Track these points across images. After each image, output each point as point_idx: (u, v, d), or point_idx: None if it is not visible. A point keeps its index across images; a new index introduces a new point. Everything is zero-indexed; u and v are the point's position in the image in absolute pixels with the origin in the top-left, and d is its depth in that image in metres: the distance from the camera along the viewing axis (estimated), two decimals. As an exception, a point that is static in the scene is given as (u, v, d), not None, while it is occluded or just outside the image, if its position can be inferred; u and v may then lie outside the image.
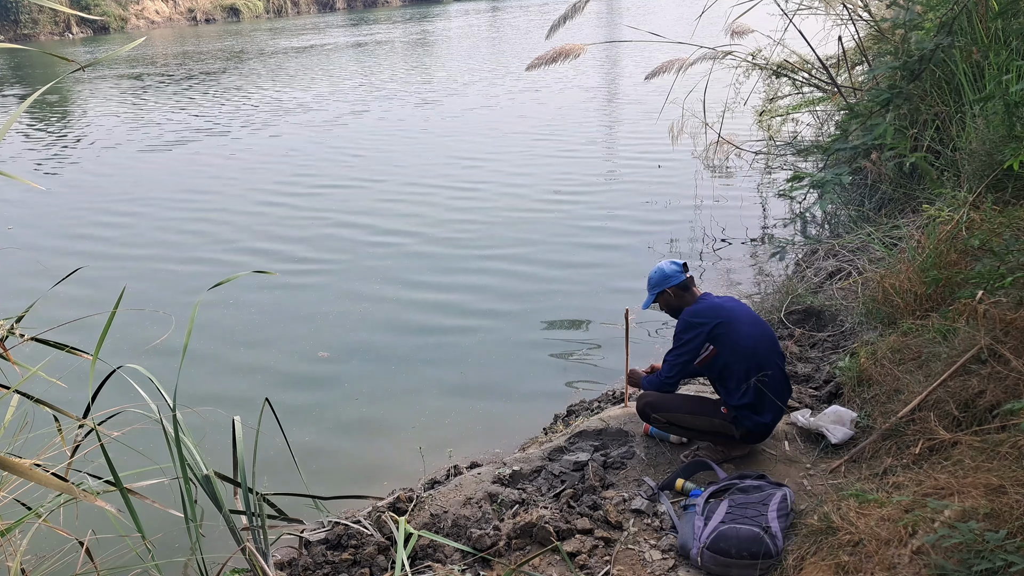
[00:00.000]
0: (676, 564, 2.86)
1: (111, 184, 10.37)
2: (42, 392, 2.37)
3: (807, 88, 8.21)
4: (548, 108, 14.01)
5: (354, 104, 15.43)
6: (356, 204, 8.84)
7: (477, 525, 3.15)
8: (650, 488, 3.33)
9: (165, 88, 19.06)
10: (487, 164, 10.29)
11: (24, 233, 8.38)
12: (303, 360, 5.34)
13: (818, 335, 4.65)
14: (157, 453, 2.76)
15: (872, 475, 2.98)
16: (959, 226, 3.89)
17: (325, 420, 4.63)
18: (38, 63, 26.49)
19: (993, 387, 2.88)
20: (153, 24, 40.43)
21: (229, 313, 6.08)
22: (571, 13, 7.07)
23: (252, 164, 11.03)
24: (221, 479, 2.83)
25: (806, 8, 7.52)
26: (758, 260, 6.54)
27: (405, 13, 42.15)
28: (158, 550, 2.63)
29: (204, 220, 8.52)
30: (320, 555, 3.20)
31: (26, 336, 2.26)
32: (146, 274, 7.00)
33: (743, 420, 3.32)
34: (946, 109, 5.54)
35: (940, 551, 2.17)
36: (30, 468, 1.56)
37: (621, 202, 8.33)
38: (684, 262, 3.54)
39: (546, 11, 34.82)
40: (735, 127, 9.09)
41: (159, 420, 2.51)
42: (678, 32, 8.34)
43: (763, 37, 7.59)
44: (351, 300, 6.24)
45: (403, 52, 24.83)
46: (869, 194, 6.28)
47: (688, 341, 3.36)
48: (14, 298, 6.47)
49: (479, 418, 4.57)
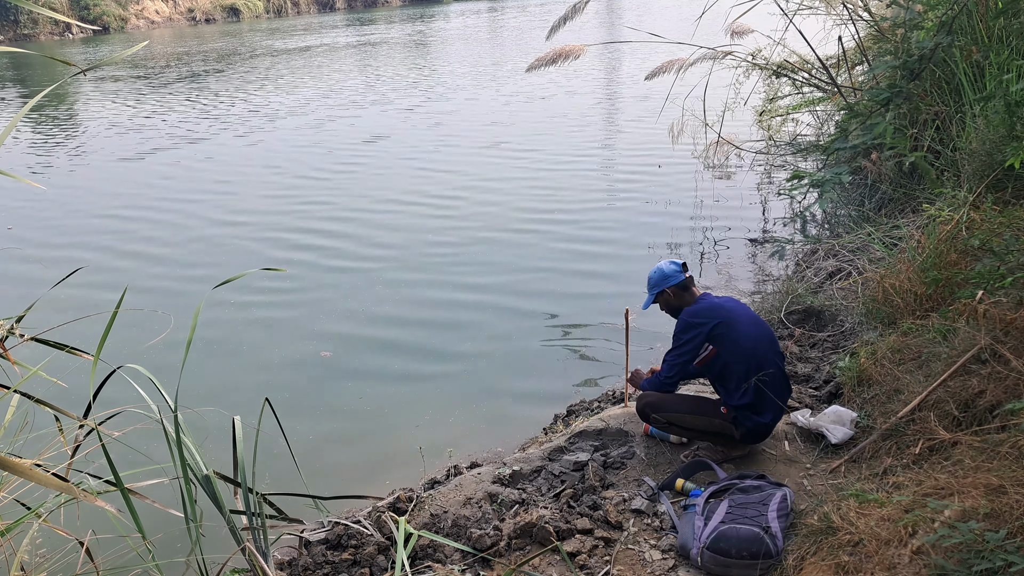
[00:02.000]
0: (676, 564, 2.86)
1: (111, 184, 10.37)
2: (42, 392, 2.37)
3: (807, 88, 8.20)
4: (548, 108, 14.00)
5: (355, 105, 15.43)
6: (359, 205, 8.84)
7: (477, 525, 3.15)
8: (650, 488, 3.34)
9: (164, 88, 19.05)
10: (486, 164, 10.29)
11: (24, 233, 8.38)
12: (305, 359, 5.35)
13: (818, 335, 4.65)
14: (157, 453, 2.76)
15: (872, 475, 2.98)
16: (959, 226, 3.89)
17: (325, 420, 4.63)
18: (38, 64, 26.49)
19: (993, 387, 2.88)
20: (153, 24, 40.44)
21: (230, 313, 6.08)
22: (571, 14, 7.06)
23: (252, 164, 11.03)
24: (221, 479, 2.83)
25: (806, 8, 7.52)
26: (758, 260, 6.54)
27: (405, 13, 42.12)
28: (158, 550, 2.63)
29: (204, 220, 8.52)
30: (320, 555, 3.20)
31: (26, 336, 2.25)
32: (147, 274, 7.00)
33: (743, 420, 3.32)
34: (946, 109, 5.54)
35: (940, 551, 2.17)
36: (30, 468, 1.56)
37: (621, 202, 8.33)
38: (683, 262, 3.54)
39: (546, 11, 34.82)
40: (735, 127, 9.09)
41: (159, 420, 2.51)
42: (678, 32, 8.34)
43: (763, 37, 7.59)
44: (354, 300, 6.24)
45: (403, 52, 24.81)
46: (869, 194, 6.28)
47: (687, 341, 3.37)
48: (14, 298, 6.47)
49: (479, 418, 4.57)
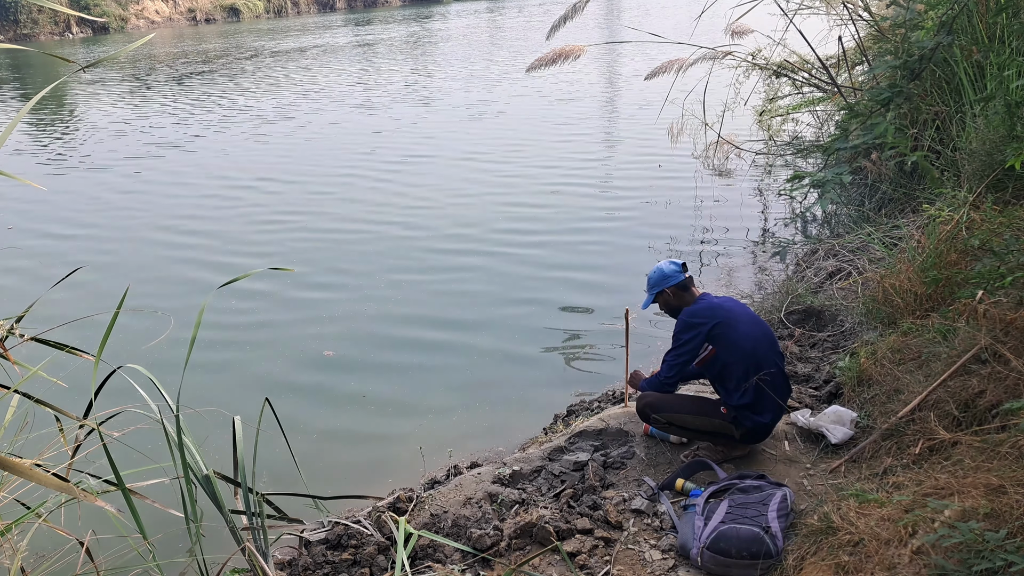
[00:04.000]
0: (676, 564, 2.86)
1: (111, 184, 10.36)
2: (43, 392, 2.37)
3: (807, 88, 8.20)
4: (548, 108, 14.00)
5: (356, 104, 15.43)
6: (361, 204, 8.84)
7: (477, 525, 3.15)
8: (650, 488, 3.34)
9: (164, 88, 19.05)
10: (485, 165, 10.28)
11: (24, 233, 8.38)
12: (308, 359, 5.35)
13: (818, 335, 4.65)
14: (157, 453, 2.76)
15: (872, 475, 2.98)
16: (959, 226, 3.89)
17: (326, 420, 4.63)
18: (38, 64, 26.49)
19: (993, 387, 2.88)
20: (153, 24, 40.43)
21: (232, 312, 6.08)
22: (571, 13, 7.08)
23: (252, 165, 11.03)
24: (221, 479, 2.83)
25: (806, 8, 7.52)
26: (758, 260, 6.54)
27: (405, 13, 42.12)
28: (158, 550, 2.63)
29: (206, 219, 8.53)
30: (320, 555, 3.20)
31: (26, 336, 2.25)
32: (147, 274, 7.00)
33: (743, 420, 3.32)
34: (946, 108, 5.54)
35: (940, 551, 2.17)
36: (30, 468, 1.56)
37: (621, 202, 8.33)
38: (683, 262, 3.54)
39: (546, 12, 34.81)
40: (735, 127, 9.09)
41: (160, 420, 2.51)
42: (678, 32, 8.34)
43: (763, 37, 7.59)
44: (357, 300, 6.25)
45: (403, 53, 24.81)
46: (869, 194, 6.28)
47: (687, 341, 3.37)
48: (14, 298, 6.47)
49: (479, 418, 4.57)
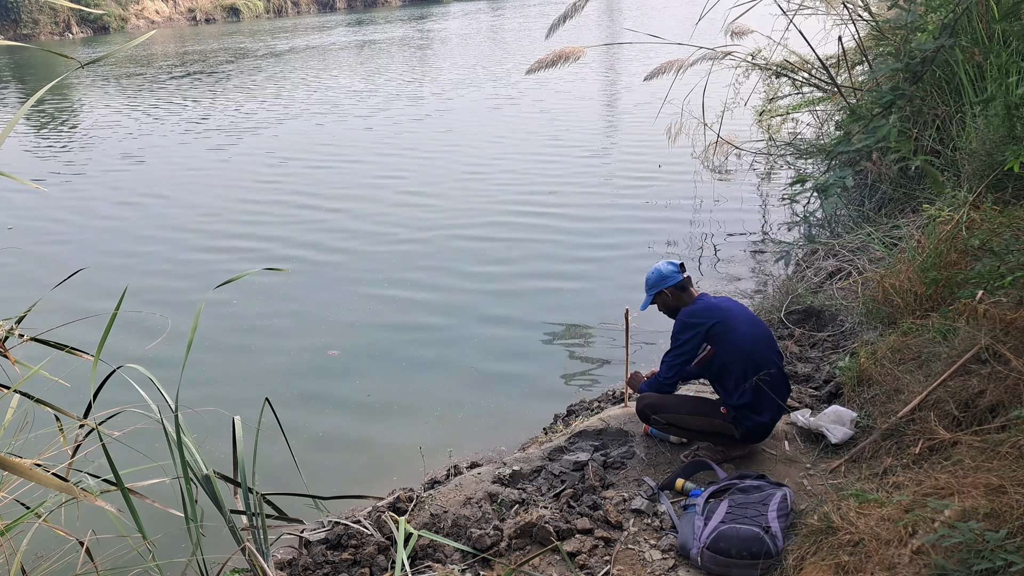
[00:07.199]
0: (676, 564, 2.86)
1: (111, 184, 10.37)
2: (43, 392, 2.37)
3: (807, 88, 8.20)
4: (548, 109, 14.00)
5: (359, 104, 15.43)
6: (363, 204, 8.84)
7: (477, 525, 3.15)
8: (650, 488, 3.34)
9: (163, 87, 19.04)
10: (485, 165, 10.29)
11: (25, 233, 8.38)
12: (310, 358, 5.35)
13: (818, 335, 4.65)
14: (157, 453, 2.76)
15: (872, 475, 2.98)
16: (959, 226, 3.89)
17: (326, 420, 4.63)
18: (38, 63, 26.48)
19: (993, 387, 2.88)
20: (153, 24, 40.40)
21: (233, 312, 6.08)
22: (571, 12, 7.08)
23: (251, 164, 11.03)
24: (221, 479, 2.83)
25: (806, 8, 7.51)
26: (758, 260, 6.54)
27: (405, 13, 42.11)
28: (158, 550, 2.63)
29: (205, 220, 8.52)
30: (320, 555, 3.20)
31: (26, 336, 2.25)
32: (147, 274, 7.00)
33: (743, 420, 3.33)
34: (946, 109, 5.54)
35: (940, 551, 2.17)
36: (30, 468, 1.56)
37: (621, 202, 8.32)
38: (681, 262, 3.54)
39: (546, 12, 34.79)
40: (735, 127, 9.09)
41: (160, 420, 2.51)
42: (678, 33, 8.34)
43: (763, 37, 7.59)
44: (360, 300, 6.25)
45: (404, 54, 24.81)
46: (869, 194, 6.28)
47: (686, 342, 3.37)
48: (14, 298, 6.47)
49: (479, 418, 4.57)
